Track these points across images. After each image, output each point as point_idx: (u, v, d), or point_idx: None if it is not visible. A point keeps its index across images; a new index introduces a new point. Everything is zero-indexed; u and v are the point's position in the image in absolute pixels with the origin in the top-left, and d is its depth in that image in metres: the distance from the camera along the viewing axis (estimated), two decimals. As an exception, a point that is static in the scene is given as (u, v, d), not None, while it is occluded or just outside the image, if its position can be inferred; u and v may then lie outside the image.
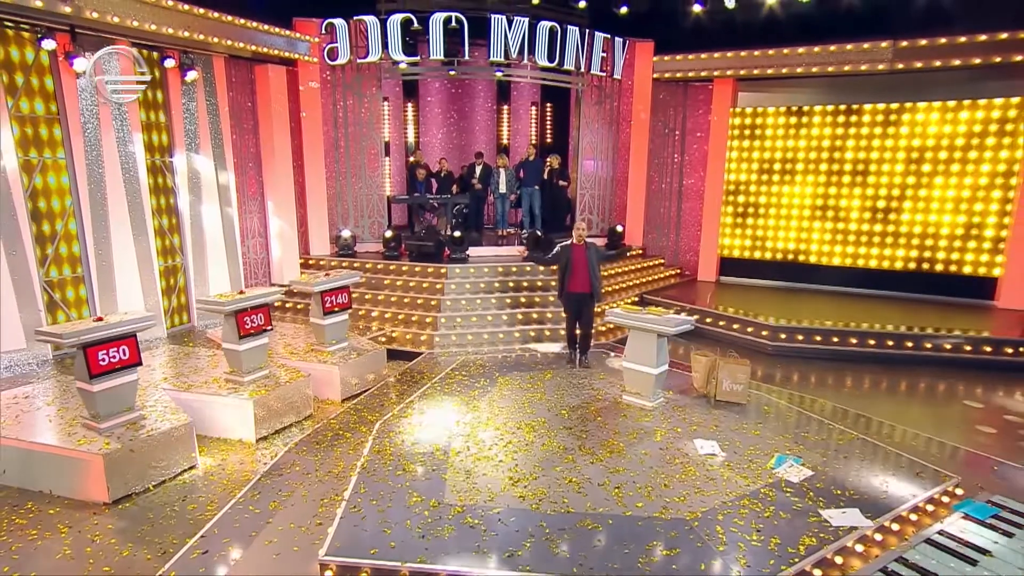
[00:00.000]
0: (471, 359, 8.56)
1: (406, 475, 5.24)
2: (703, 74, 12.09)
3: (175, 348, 8.38)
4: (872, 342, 9.46)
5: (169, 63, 8.57)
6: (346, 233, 11.48)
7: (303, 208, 11.48)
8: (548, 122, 15.03)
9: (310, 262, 11.43)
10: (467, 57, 10.87)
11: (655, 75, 12.53)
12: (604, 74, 12.35)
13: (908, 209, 11.52)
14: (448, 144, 15.40)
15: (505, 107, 15.40)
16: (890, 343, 9.43)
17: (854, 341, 9.50)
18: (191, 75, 8.80)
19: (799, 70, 11.16)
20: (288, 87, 10.78)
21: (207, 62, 9.33)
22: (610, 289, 11.21)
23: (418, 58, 10.79)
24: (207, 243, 9.67)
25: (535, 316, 9.99)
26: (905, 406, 7.73)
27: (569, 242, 7.93)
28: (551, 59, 11.24)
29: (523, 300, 10.23)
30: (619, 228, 12.76)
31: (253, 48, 9.26)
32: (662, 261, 13.16)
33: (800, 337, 9.62)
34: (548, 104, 14.92)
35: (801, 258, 12.55)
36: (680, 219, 13.24)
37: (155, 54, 8.60)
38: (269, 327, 7.12)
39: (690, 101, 12.86)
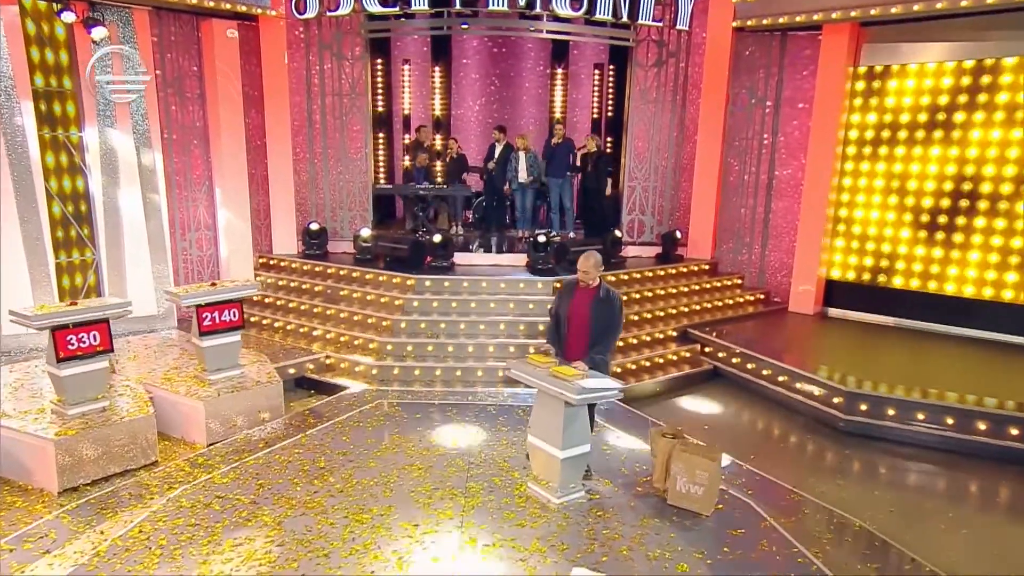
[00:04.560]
0: (391, 402, 7.84)
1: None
2: (799, 19, 10.25)
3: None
4: (1016, 431, 7.36)
5: (68, 16, 8.58)
6: (313, 227, 11.10)
7: (265, 197, 11.27)
8: (611, 89, 13.76)
9: (271, 262, 11.21)
10: (458, 7, 10.04)
11: (736, 23, 10.89)
12: (661, 24, 10.94)
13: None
14: (488, 118, 14.64)
15: (560, 70, 14.34)
16: (1047, 433, 7.30)
17: (983, 427, 7.45)
18: (98, 32, 8.77)
19: (939, 5, 9.05)
20: (248, 48, 10.60)
21: (126, 16, 9.31)
22: (639, 317, 9.82)
23: (397, 8, 10.11)
24: (125, 235, 9.67)
25: (512, 350, 8.93)
26: None
27: (571, 280, 5.94)
28: (576, 6, 10.08)
29: (502, 327, 9.21)
30: (678, 234, 11.29)
31: (176, -2, 9.10)
32: (739, 281, 11.45)
33: (892, 411, 7.74)
34: (612, 66, 13.66)
35: (949, 289, 10.28)
36: (768, 224, 11.44)
37: (56, 4, 8.63)
38: (107, 348, 6.80)
39: (789, 59, 11.06)
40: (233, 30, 10.16)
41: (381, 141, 13.25)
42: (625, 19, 10.56)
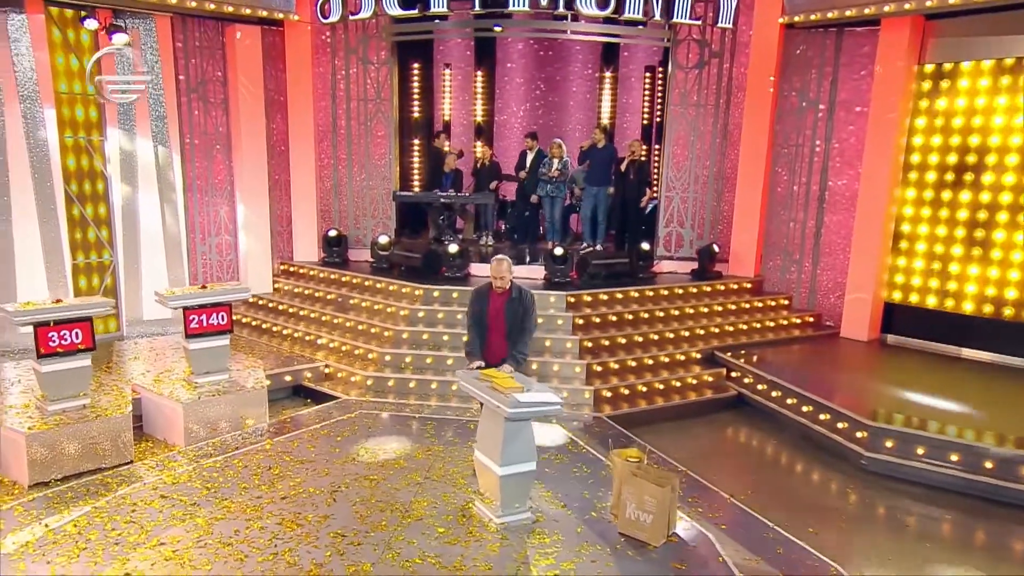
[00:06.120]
0: (373, 414, 8.07)
1: None
2: (850, 13, 9.88)
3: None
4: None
5: (91, 24, 9.35)
6: (332, 234, 11.54)
7: (288, 203, 11.80)
8: (660, 93, 13.67)
9: (291, 269, 11.71)
10: (477, 8, 10.29)
11: (784, 19, 10.63)
12: (699, 23, 10.82)
13: None
14: (532, 124, 14.79)
15: (608, 74, 14.37)
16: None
17: (1025, 472, 6.96)
18: (119, 39, 9.50)
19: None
20: (273, 52, 11.19)
21: (148, 23, 10.04)
22: (660, 337, 9.66)
23: (416, 11, 10.44)
24: (142, 239, 10.36)
25: (514, 366, 8.99)
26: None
27: (484, 285, 6.44)
28: (603, 4, 10.12)
29: (507, 341, 9.28)
30: (715, 248, 11.06)
31: (193, 4, 9.71)
32: (786, 302, 11.09)
33: (921, 450, 7.31)
34: (662, 69, 13.56)
35: (1027, 315, 9.64)
36: (820, 239, 11.03)
37: (82, 12, 9.41)
38: (90, 347, 7.32)
39: (845, 58, 10.69)
40: (239, 32, 10.70)
41: (416, 147, 13.65)
42: (658, 17, 10.52)
